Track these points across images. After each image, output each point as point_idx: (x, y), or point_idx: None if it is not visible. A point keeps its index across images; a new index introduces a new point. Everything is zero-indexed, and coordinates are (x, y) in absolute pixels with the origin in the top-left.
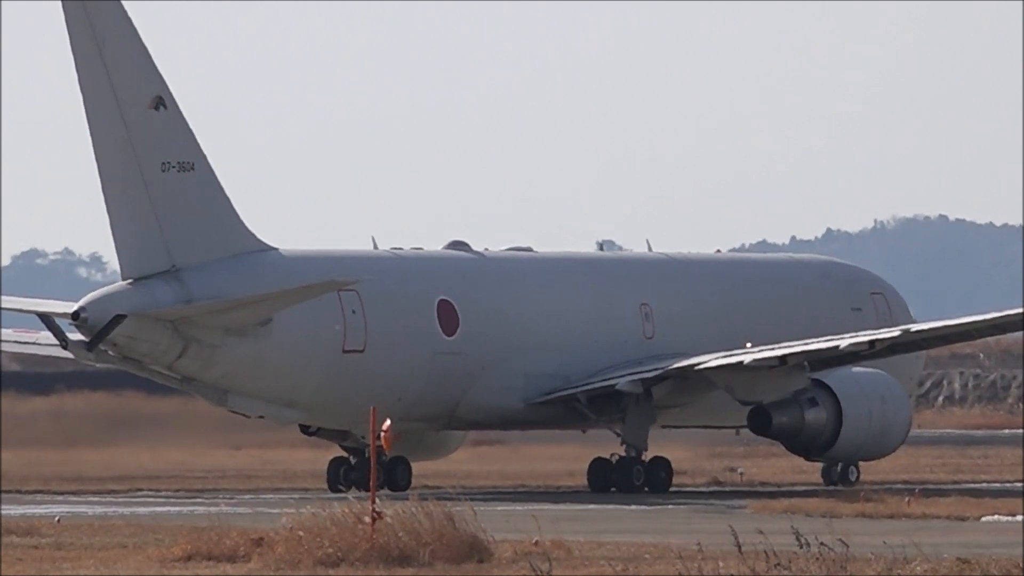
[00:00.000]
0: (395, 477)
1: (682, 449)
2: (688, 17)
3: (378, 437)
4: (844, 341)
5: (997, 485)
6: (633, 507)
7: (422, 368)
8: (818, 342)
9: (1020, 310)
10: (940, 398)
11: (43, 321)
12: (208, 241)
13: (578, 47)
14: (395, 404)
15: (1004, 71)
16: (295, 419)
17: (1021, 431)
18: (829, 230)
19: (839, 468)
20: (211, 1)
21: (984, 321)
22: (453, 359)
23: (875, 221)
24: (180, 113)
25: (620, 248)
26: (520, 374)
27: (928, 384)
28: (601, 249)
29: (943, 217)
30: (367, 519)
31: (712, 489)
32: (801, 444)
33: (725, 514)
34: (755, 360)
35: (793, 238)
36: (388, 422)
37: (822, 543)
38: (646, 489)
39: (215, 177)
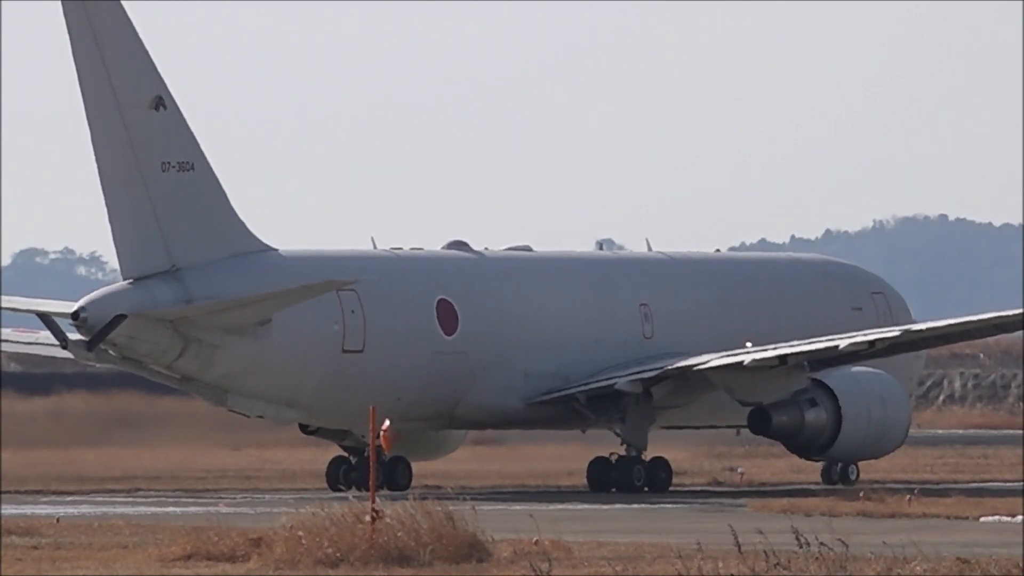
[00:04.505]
0: (395, 477)
1: (682, 449)
2: (688, 17)
3: (378, 437)
4: (844, 341)
5: (997, 485)
6: (633, 507)
7: (422, 368)
8: (818, 342)
9: (1020, 310)
10: (940, 398)
11: (43, 321)
12: (208, 241)
13: (578, 47)
14: (395, 404)
15: (1004, 71)
16: (295, 419)
17: (1021, 431)
18: (829, 230)
19: (839, 468)
20: (211, 1)
21: (984, 321)
22: (453, 359)
23: (875, 221)
24: (180, 113)
25: (620, 248)
26: (520, 374)
27: (928, 384)
28: (601, 249)
29: (943, 217)
30: (367, 519)
31: (712, 489)
32: (801, 444)
33: (725, 514)
34: (755, 360)
35: (793, 238)
36: (388, 422)
37: (822, 543)
38: (646, 489)
39: (215, 177)
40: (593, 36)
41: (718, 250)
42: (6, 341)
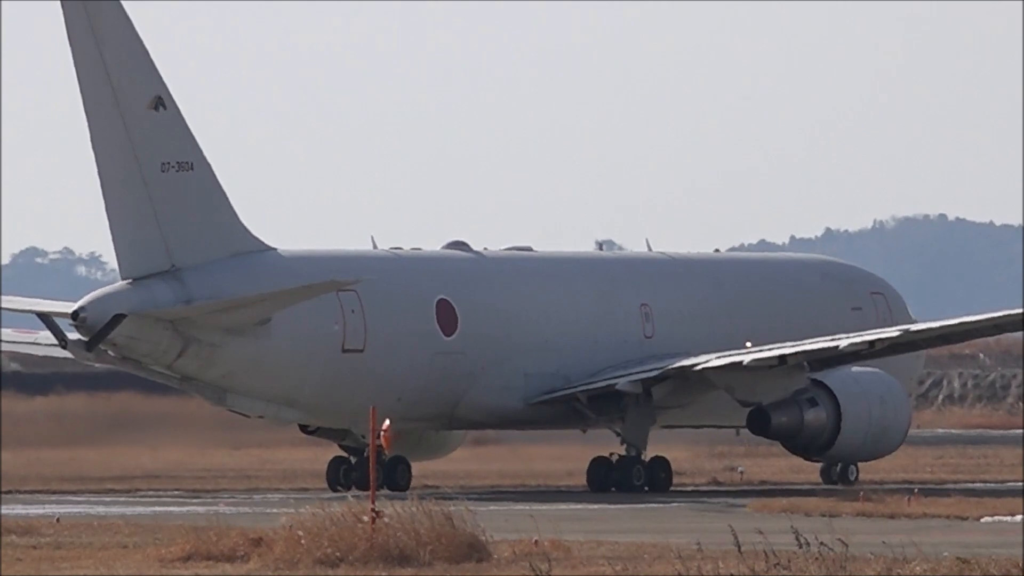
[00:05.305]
0: (395, 477)
1: (682, 449)
2: (689, 17)
3: (378, 437)
4: (844, 341)
5: (997, 485)
6: (633, 507)
7: (422, 368)
8: (818, 342)
9: (1020, 310)
10: (940, 398)
11: (43, 321)
12: (208, 241)
13: (578, 47)
14: (395, 404)
15: (1004, 71)
16: (295, 419)
17: (1021, 431)
18: (829, 230)
19: (839, 468)
20: (211, 1)
21: (984, 321)
22: (453, 359)
23: (875, 221)
24: (180, 113)
25: (620, 248)
26: (520, 374)
27: (928, 384)
28: (601, 249)
29: (943, 217)
30: (366, 519)
31: (712, 488)
32: (800, 444)
33: (725, 513)
34: (755, 360)
35: (793, 238)
36: (388, 422)
37: (822, 543)
38: (646, 489)
39: (215, 177)
40: (593, 36)
41: (718, 250)
42: (6, 341)
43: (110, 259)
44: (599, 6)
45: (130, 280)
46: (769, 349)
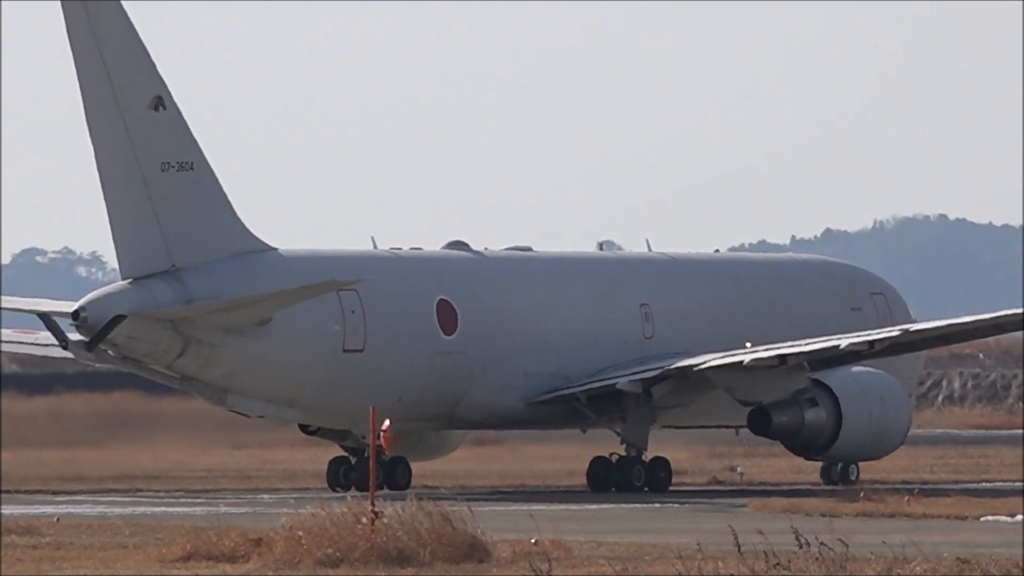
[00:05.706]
0: (395, 477)
1: (682, 449)
2: (689, 17)
3: (378, 437)
4: (844, 341)
5: (997, 485)
6: (633, 507)
7: (422, 368)
8: (818, 342)
9: (1020, 310)
10: (940, 398)
11: (43, 321)
12: (208, 241)
13: (578, 47)
14: (395, 404)
15: (1004, 71)
16: (295, 419)
17: (1021, 431)
18: (828, 230)
19: (839, 468)
20: (211, 1)
21: (984, 321)
22: (453, 359)
23: (874, 221)
24: (180, 113)
25: (620, 248)
26: (520, 374)
27: (928, 384)
28: (601, 249)
29: (943, 217)
30: (366, 519)
31: (712, 489)
32: (801, 444)
33: (725, 514)
34: (755, 360)
35: (793, 238)
36: (387, 422)
37: (822, 543)
38: (646, 489)
39: (215, 177)
40: (593, 36)
41: (718, 250)
42: (6, 341)
43: (110, 259)
44: (599, 6)
45: (130, 280)
46: (769, 349)
